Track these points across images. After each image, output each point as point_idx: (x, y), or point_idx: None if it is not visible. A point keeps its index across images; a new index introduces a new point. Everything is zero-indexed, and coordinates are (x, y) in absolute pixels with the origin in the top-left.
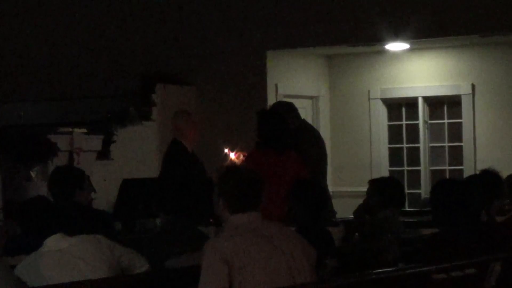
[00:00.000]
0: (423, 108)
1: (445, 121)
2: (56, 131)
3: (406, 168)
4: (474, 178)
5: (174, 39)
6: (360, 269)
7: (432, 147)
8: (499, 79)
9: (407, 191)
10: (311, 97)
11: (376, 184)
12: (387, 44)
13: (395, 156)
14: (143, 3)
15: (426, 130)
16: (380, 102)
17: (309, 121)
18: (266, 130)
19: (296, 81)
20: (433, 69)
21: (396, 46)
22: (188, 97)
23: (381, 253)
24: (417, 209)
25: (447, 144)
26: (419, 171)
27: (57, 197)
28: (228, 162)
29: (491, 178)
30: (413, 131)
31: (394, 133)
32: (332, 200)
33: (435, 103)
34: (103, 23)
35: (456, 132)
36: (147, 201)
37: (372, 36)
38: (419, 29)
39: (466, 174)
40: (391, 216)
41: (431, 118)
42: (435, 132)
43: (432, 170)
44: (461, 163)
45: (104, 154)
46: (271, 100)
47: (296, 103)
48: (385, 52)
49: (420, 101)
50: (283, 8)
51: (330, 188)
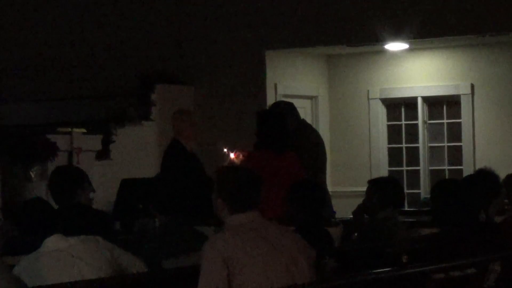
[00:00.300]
0: (422, 108)
1: (444, 121)
2: (55, 131)
3: (405, 168)
4: (472, 178)
5: (173, 39)
6: (360, 269)
7: (431, 147)
8: (498, 79)
9: (406, 191)
10: (310, 97)
11: (376, 184)
12: (386, 44)
13: (394, 156)
14: (142, 3)
15: (425, 130)
16: (380, 102)
17: (308, 121)
18: (265, 130)
19: (296, 81)
20: (432, 69)
21: (396, 46)
22: (187, 97)
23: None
24: (417, 209)
25: (446, 144)
26: (418, 171)
27: (58, 197)
28: (228, 162)
29: (489, 178)
30: (413, 131)
31: (393, 133)
32: (332, 200)
33: (434, 103)
34: (102, 23)
35: (455, 132)
36: (146, 201)
37: (372, 36)
38: (419, 29)
39: (466, 174)
40: (391, 216)
41: (430, 118)
42: (434, 132)
43: (431, 170)
44: (460, 163)
45: (103, 154)
46: (270, 100)
47: (295, 103)
48: (384, 52)
49: (419, 101)
50: (282, 8)
51: (329, 188)
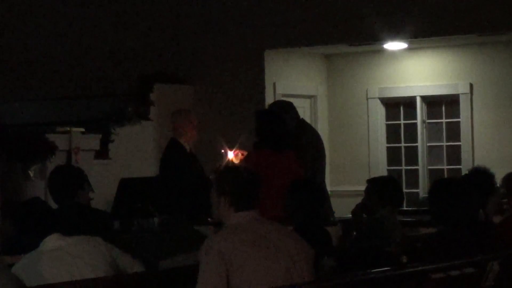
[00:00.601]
0: (421, 108)
1: (443, 121)
2: (54, 130)
3: (404, 168)
4: (467, 178)
5: (172, 39)
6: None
7: (430, 147)
8: (497, 79)
9: (405, 191)
10: (309, 96)
11: (374, 184)
12: (385, 44)
13: (393, 156)
14: (142, 3)
15: (424, 130)
16: (378, 101)
17: (307, 121)
18: (264, 130)
19: (294, 80)
20: (431, 69)
21: (394, 46)
22: (186, 97)
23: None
24: (415, 209)
25: (445, 144)
26: (417, 171)
27: (58, 197)
28: (226, 162)
29: (484, 176)
30: (411, 131)
31: (392, 133)
32: (331, 199)
33: (433, 103)
34: (101, 23)
35: (454, 132)
36: (145, 201)
37: (370, 36)
38: (417, 29)
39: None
40: (389, 215)
41: (429, 118)
42: (433, 132)
43: (430, 170)
44: (459, 163)
45: (102, 154)
46: (269, 99)
47: (294, 102)
48: (383, 52)
49: (418, 101)
50: (281, 8)
51: (328, 187)
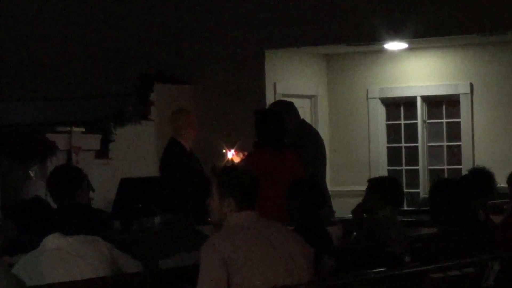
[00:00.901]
0: (422, 108)
1: (444, 121)
2: (55, 130)
3: (405, 168)
4: (467, 178)
5: (173, 39)
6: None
7: (431, 147)
8: (498, 79)
9: (406, 191)
10: (310, 97)
11: (375, 184)
12: (386, 44)
13: (394, 156)
14: (141, 3)
15: (425, 130)
16: (379, 102)
17: (308, 121)
18: (265, 130)
19: (295, 80)
20: (432, 69)
21: (395, 46)
22: (186, 97)
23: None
24: (416, 209)
25: (446, 144)
26: (418, 171)
27: (58, 198)
28: (226, 161)
29: (483, 176)
30: (412, 131)
31: (393, 133)
32: (331, 199)
33: (434, 103)
34: (101, 23)
35: (455, 132)
36: (146, 200)
37: (371, 36)
38: (418, 29)
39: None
40: (390, 216)
41: (430, 118)
42: (434, 132)
43: (431, 170)
44: (460, 163)
45: (103, 153)
46: (270, 100)
47: (295, 102)
48: (384, 52)
49: (419, 101)
50: (281, 8)
51: (329, 187)
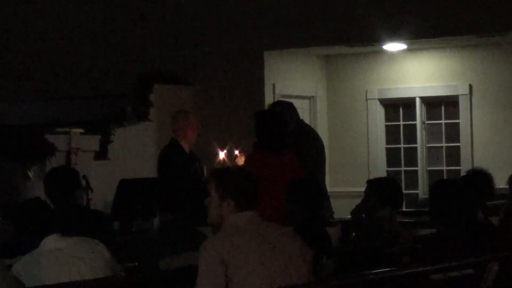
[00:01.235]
0: (421, 109)
1: (443, 122)
2: (54, 131)
3: (404, 169)
4: (465, 179)
5: (172, 40)
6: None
7: (430, 148)
8: (496, 80)
9: (405, 192)
10: (309, 97)
11: (374, 184)
12: (385, 45)
13: (393, 156)
14: (141, 3)
15: (424, 131)
16: (378, 103)
17: (306, 121)
18: (265, 130)
19: (294, 81)
20: (431, 70)
21: (394, 47)
22: (186, 97)
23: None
24: (415, 210)
25: (445, 145)
26: (417, 172)
27: (57, 199)
28: (217, 162)
29: (482, 177)
30: (411, 132)
31: (392, 134)
32: (330, 200)
33: (433, 104)
34: (100, 23)
35: (453, 133)
36: (145, 201)
37: (370, 37)
38: (417, 30)
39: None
40: (389, 216)
41: (429, 119)
42: (433, 133)
43: (430, 171)
44: (459, 164)
45: (102, 154)
46: (269, 100)
47: (294, 103)
48: (383, 53)
49: (418, 102)
50: (281, 9)
51: (328, 188)
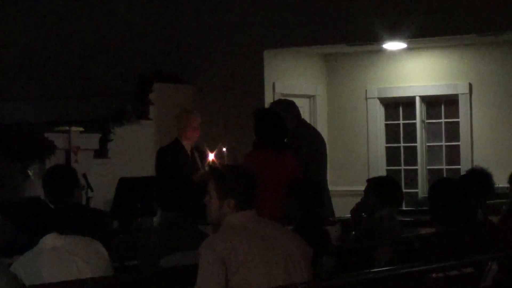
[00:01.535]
0: (420, 108)
1: (442, 121)
2: (53, 130)
3: (403, 167)
4: (466, 178)
5: (172, 38)
6: (358, 268)
7: (429, 147)
8: (496, 79)
9: (404, 190)
10: (309, 96)
11: (374, 183)
12: (384, 44)
13: (392, 156)
14: (141, 3)
15: (423, 130)
16: (377, 101)
17: (306, 120)
18: (264, 130)
19: (294, 80)
20: (431, 69)
21: (394, 46)
22: (186, 96)
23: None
24: (414, 208)
25: (444, 144)
26: (416, 171)
27: (56, 198)
28: (207, 163)
29: (481, 177)
30: (410, 131)
31: (391, 133)
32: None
33: (432, 103)
34: (100, 22)
35: (453, 132)
36: (145, 200)
37: (369, 35)
38: (417, 29)
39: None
40: (389, 216)
41: (428, 118)
42: (432, 132)
43: (429, 170)
44: (458, 163)
45: (101, 153)
46: (269, 99)
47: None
48: (382, 52)
49: (417, 101)
50: (281, 8)
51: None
